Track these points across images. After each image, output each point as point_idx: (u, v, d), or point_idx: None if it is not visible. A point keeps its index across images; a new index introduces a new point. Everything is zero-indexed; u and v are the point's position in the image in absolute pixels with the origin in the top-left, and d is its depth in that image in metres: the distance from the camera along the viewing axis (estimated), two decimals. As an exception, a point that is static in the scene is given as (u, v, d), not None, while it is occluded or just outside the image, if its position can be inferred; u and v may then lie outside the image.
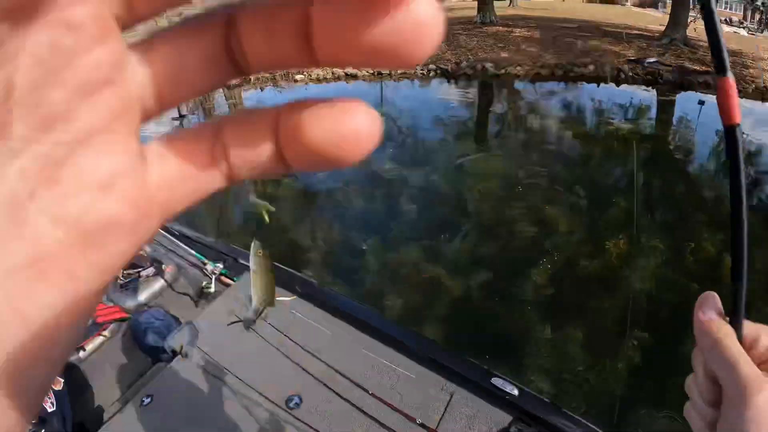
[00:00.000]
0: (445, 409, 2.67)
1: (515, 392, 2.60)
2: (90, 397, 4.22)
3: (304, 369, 3.08)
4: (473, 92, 14.67)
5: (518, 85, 14.39)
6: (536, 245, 6.03)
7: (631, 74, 12.70)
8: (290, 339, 3.32)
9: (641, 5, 36.49)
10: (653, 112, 11.14)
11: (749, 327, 0.56)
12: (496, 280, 5.52)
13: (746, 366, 0.52)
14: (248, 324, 3.53)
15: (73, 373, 4.31)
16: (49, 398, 3.34)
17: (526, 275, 5.48)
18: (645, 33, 17.29)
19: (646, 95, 11.84)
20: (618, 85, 12.58)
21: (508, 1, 31.58)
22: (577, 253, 5.82)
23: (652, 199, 6.81)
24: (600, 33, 17.35)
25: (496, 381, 2.67)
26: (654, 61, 12.03)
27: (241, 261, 4.48)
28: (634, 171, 7.04)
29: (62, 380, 3.61)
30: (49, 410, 3.27)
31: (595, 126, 10.58)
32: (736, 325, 0.56)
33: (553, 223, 6.40)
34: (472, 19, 22.88)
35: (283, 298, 3.72)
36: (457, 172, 8.58)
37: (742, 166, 0.50)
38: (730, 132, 0.50)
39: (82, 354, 4.44)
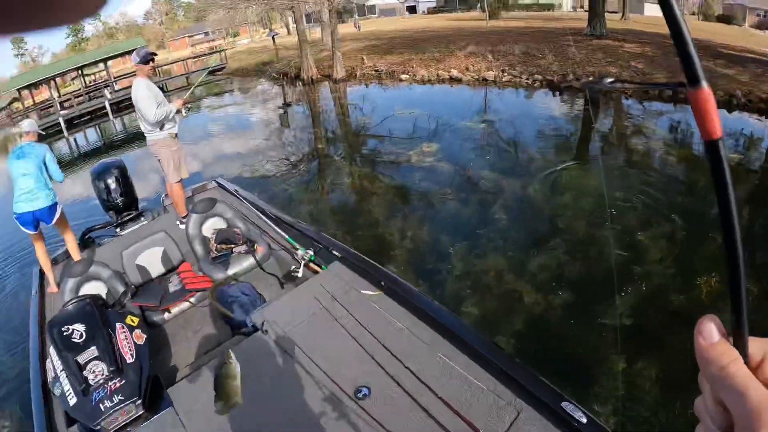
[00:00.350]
0: (510, 425, 2.63)
1: (584, 420, 2.50)
2: (168, 355, 4.48)
3: (377, 362, 3.10)
4: (578, 106, 14.54)
5: (626, 102, 14.19)
6: (623, 271, 5.92)
7: (744, 101, 12.36)
8: (368, 331, 3.36)
9: (759, 27, 34.44)
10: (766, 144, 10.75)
11: (755, 344, 0.52)
12: (576, 301, 5.49)
13: (756, 392, 0.48)
14: None
15: (156, 331, 4.63)
16: (131, 350, 3.60)
17: (608, 300, 5.39)
18: (762, 57, 16.60)
19: (760, 125, 11.44)
20: (730, 111, 12.24)
21: (621, 14, 30.89)
22: (664, 285, 5.68)
23: (754, 240, 6.60)
24: (713, 54, 16.79)
25: (566, 405, 2.58)
26: (612, 81, 11.73)
27: (332, 251, 4.56)
28: (729, 206, 6.87)
29: (145, 336, 3.89)
30: (128, 361, 3.51)
31: (701, 153, 10.23)
32: (739, 344, 0.53)
33: (644, 250, 6.30)
34: (581, 30, 22.62)
35: (368, 292, 3.83)
36: (553, 185, 8.56)
37: (730, 181, 0.48)
38: (711, 148, 0.48)
39: (167, 315, 4.75)
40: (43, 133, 6.23)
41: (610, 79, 0.64)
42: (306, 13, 34.33)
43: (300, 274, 4.61)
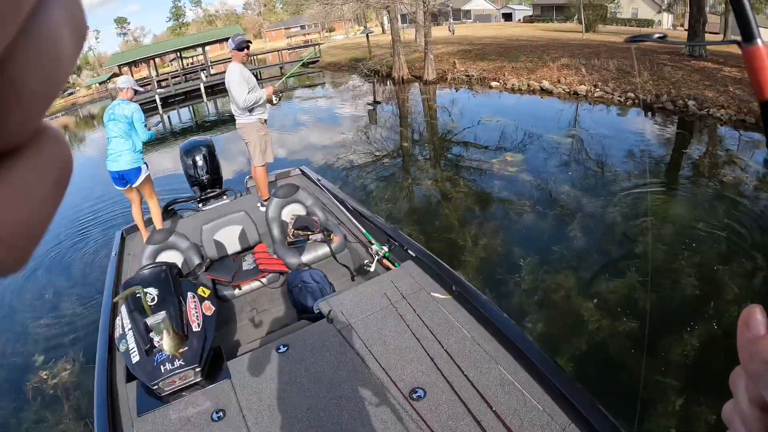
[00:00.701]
0: None
1: None
2: (233, 329, 4.68)
3: (437, 366, 3.07)
4: (671, 129, 14.14)
5: (722, 130, 13.72)
6: (697, 306, 5.72)
7: None
8: (433, 334, 3.33)
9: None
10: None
11: None
12: (643, 331, 5.26)
13: None
14: None
15: (225, 305, 4.78)
16: (198, 319, 3.71)
17: (677, 335, 5.22)
18: None
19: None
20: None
21: (722, 35, 29.85)
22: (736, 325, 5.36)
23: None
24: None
25: None
26: (660, 37, 10.86)
27: (407, 249, 4.51)
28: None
29: (214, 308, 3.99)
30: (194, 329, 3.61)
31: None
32: None
33: (721, 287, 6.03)
34: (680, 49, 22.06)
35: (438, 295, 3.78)
36: (636, 209, 8.31)
37: None
38: (766, 108, 0.45)
39: (237, 292, 4.85)
40: (141, 89, 6.57)
41: (658, 34, 0.67)
42: (401, 14, 34.71)
43: (372, 269, 4.63)
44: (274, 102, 6.62)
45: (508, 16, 66.83)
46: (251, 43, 6.45)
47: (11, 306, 7.94)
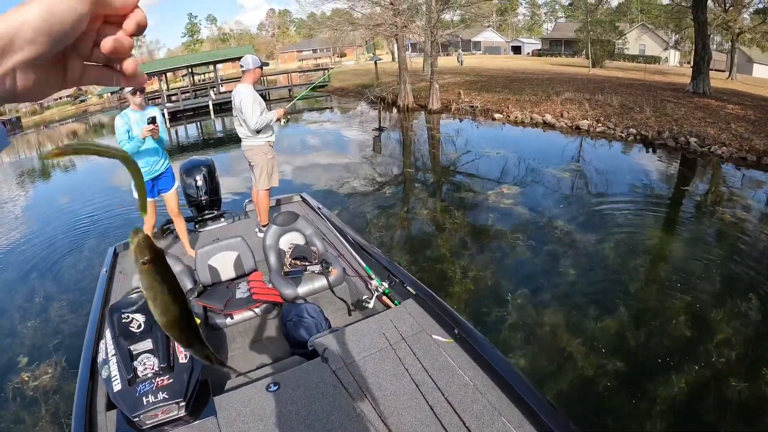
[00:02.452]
0: None
1: None
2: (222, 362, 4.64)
3: (436, 415, 2.96)
4: (672, 166, 14.17)
5: (722, 167, 13.52)
6: (686, 349, 5.62)
7: None
8: (433, 380, 3.21)
9: None
10: None
11: None
12: (630, 373, 5.21)
13: None
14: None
15: (215, 334, 4.63)
16: (185, 351, 3.54)
17: (664, 378, 5.12)
18: None
19: None
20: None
21: (728, 73, 30.01)
22: (727, 369, 5.26)
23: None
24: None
25: None
26: None
27: (407, 286, 4.37)
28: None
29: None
30: (181, 360, 3.47)
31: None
32: None
33: (713, 330, 5.96)
34: (684, 86, 22.18)
35: (440, 338, 3.65)
36: (631, 246, 8.27)
37: None
38: None
39: (228, 321, 4.68)
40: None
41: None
42: (412, 42, 34.99)
43: (371, 305, 4.48)
44: (282, 124, 6.58)
45: (517, 49, 67.50)
46: (267, 65, 6.35)
47: (1, 306, 8.09)
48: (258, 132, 6.27)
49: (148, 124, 5.57)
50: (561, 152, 15.63)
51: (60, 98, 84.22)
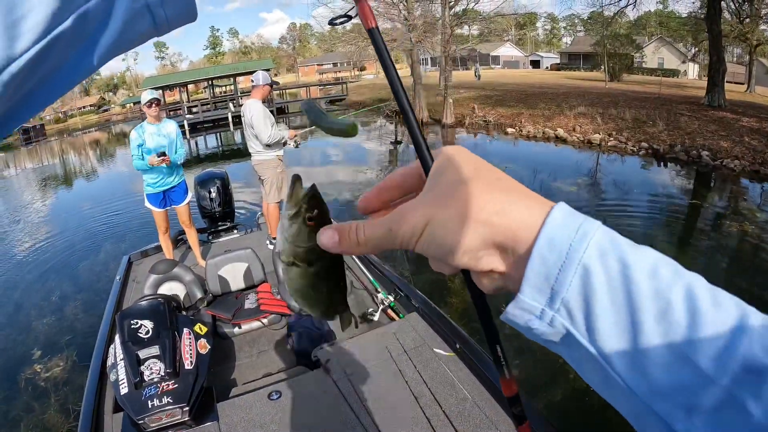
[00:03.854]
0: None
1: None
2: (228, 369, 4.53)
3: (433, 429, 2.98)
4: (682, 179, 14.02)
5: (734, 181, 13.40)
6: None
7: None
8: (432, 393, 3.24)
9: None
10: None
11: None
12: None
13: None
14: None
15: (223, 343, 4.73)
16: (191, 357, 3.66)
17: None
18: None
19: None
20: None
21: (746, 86, 29.75)
22: None
23: None
24: None
25: None
26: None
27: (412, 300, 4.44)
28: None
29: (209, 347, 3.94)
30: (186, 367, 3.56)
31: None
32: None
33: None
34: (699, 99, 22.08)
35: (441, 352, 3.69)
36: None
37: None
38: None
39: (236, 330, 4.81)
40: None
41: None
42: (431, 57, 35.15)
43: (376, 318, 4.55)
44: (293, 146, 6.71)
45: (536, 63, 67.49)
46: (278, 83, 6.45)
47: (19, 302, 8.57)
48: (268, 146, 6.39)
49: (158, 156, 5.79)
50: (570, 167, 15.64)
51: (83, 107, 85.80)
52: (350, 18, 0.76)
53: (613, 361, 0.42)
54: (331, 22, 0.86)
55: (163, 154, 5.80)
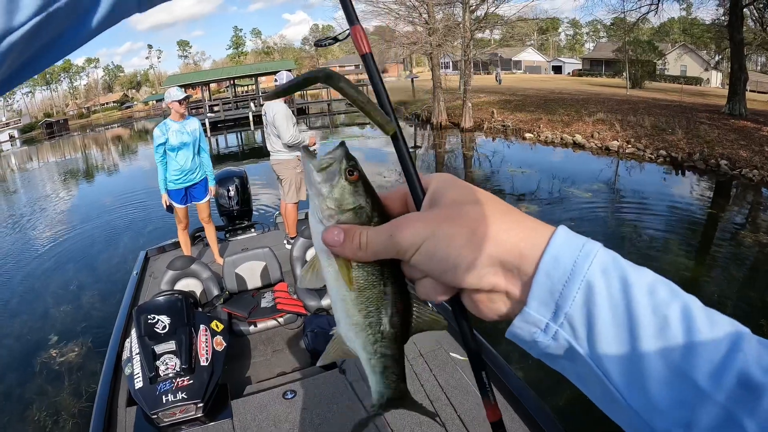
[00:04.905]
0: None
1: None
2: (243, 366, 4.53)
3: (446, 430, 2.96)
4: (699, 188, 13.93)
5: (753, 190, 13.32)
6: None
7: None
8: (446, 396, 3.22)
9: None
10: None
11: None
12: None
13: None
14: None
15: (238, 341, 4.76)
16: (207, 353, 3.68)
17: None
18: None
19: None
20: None
21: (771, 94, 29.39)
22: None
23: None
24: None
25: None
26: None
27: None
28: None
29: (225, 344, 3.96)
30: (202, 363, 3.58)
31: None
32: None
33: None
34: (720, 108, 21.92)
35: (457, 356, 3.67)
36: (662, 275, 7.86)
37: None
38: None
39: (252, 328, 4.85)
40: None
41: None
42: (453, 60, 35.15)
43: None
44: (312, 150, 6.73)
45: (558, 69, 67.19)
46: None
47: (38, 290, 8.97)
48: (288, 147, 6.42)
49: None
50: (587, 173, 15.55)
51: (106, 103, 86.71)
52: (338, 40, 0.82)
53: (613, 378, 0.44)
54: (318, 44, 0.93)
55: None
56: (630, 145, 17.85)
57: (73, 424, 5.15)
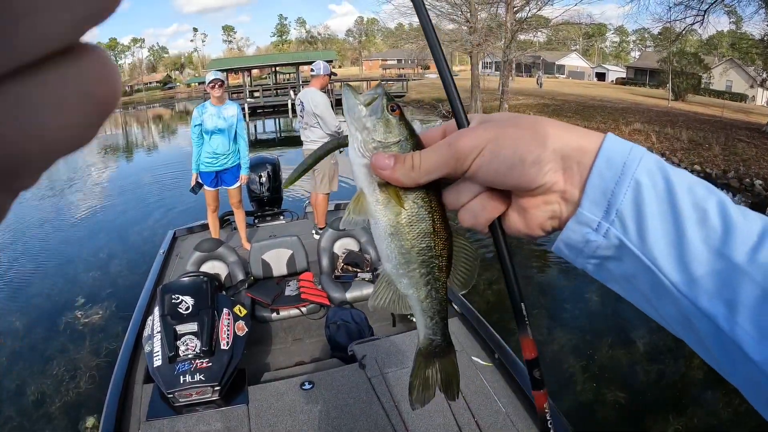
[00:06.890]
0: None
1: None
2: (263, 353, 4.56)
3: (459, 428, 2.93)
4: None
5: None
6: (696, 393, 5.39)
7: None
8: (466, 402, 3.13)
9: None
10: None
11: None
12: (631, 407, 5.03)
13: None
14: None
15: (260, 327, 4.74)
16: (228, 337, 3.69)
17: (663, 417, 4.87)
18: None
19: None
20: None
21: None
22: (733, 420, 4.78)
23: None
24: None
25: None
26: None
27: (453, 304, 4.25)
28: None
29: (246, 330, 3.95)
30: (222, 347, 3.60)
31: None
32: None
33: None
34: (761, 126, 21.53)
35: (479, 360, 3.61)
36: None
37: None
38: None
39: (274, 315, 4.82)
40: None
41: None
42: (496, 61, 35.06)
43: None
44: (341, 151, 6.79)
45: (601, 76, 66.20)
46: (336, 75, 6.42)
47: (69, 256, 9.47)
48: (328, 135, 6.36)
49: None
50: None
51: (150, 83, 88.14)
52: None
53: (661, 265, 0.48)
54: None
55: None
56: (664, 158, 17.18)
57: (89, 381, 5.32)
